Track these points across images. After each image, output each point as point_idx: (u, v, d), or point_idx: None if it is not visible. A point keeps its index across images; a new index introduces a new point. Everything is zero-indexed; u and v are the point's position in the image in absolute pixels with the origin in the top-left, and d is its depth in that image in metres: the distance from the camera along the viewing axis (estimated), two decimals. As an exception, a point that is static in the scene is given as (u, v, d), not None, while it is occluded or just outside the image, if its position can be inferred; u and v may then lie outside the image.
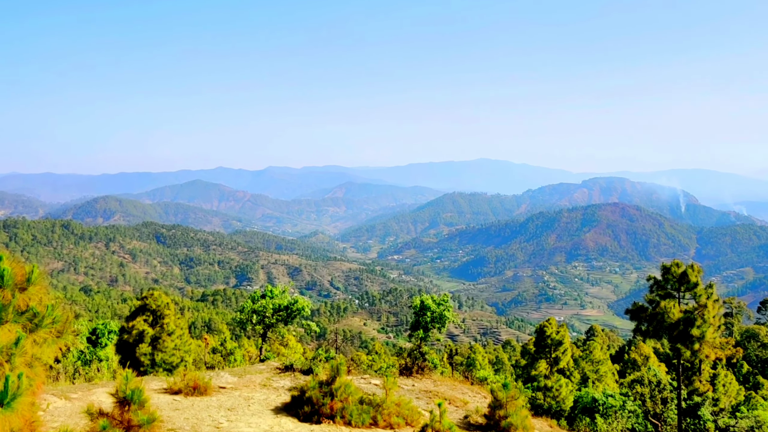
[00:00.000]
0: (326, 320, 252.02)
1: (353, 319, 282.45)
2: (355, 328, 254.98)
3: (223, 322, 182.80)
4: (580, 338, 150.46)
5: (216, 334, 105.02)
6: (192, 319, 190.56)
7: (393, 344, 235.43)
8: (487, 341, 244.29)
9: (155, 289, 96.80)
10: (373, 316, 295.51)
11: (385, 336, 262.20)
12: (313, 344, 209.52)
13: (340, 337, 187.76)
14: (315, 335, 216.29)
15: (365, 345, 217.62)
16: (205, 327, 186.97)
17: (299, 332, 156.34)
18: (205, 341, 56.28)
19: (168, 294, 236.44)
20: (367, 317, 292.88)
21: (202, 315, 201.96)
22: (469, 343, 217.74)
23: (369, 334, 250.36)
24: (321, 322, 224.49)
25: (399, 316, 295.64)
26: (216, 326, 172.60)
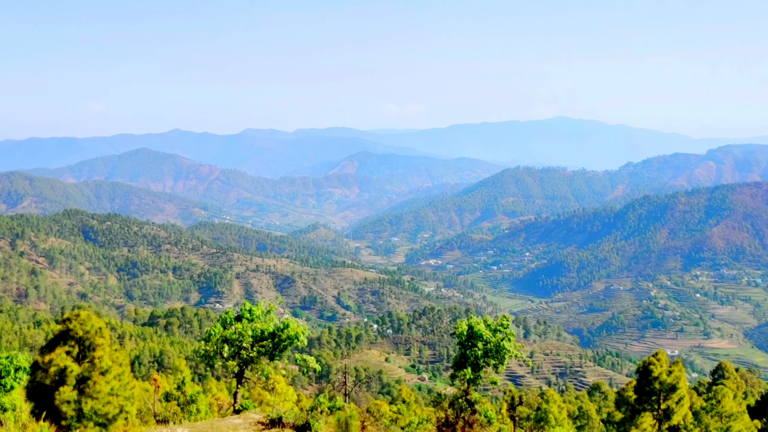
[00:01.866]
0: (331, 354, 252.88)
1: (370, 352, 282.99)
2: (373, 364, 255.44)
3: (180, 355, 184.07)
4: (704, 381, 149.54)
5: (171, 373, 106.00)
6: (136, 352, 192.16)
7: (428, 389, 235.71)
8: (566, 385, 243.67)
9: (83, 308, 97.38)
10: (400, 348, 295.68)
11: (417, 377, 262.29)
12: (311, 388, 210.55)
13: (350, 378, 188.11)
14: (314, 375, 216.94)
15: (388, 390, 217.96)
16: (154, 363, 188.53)
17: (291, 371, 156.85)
18: (154, 383, 56.82)
19: (101, 315, 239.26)
20: (391, 349, 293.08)
21: (151, 345, 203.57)
22: (540, 388, 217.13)
23: (393, 374, 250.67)
24: (323, 357, 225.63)
25: (437, 348, 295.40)
26: (171, 362, 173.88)
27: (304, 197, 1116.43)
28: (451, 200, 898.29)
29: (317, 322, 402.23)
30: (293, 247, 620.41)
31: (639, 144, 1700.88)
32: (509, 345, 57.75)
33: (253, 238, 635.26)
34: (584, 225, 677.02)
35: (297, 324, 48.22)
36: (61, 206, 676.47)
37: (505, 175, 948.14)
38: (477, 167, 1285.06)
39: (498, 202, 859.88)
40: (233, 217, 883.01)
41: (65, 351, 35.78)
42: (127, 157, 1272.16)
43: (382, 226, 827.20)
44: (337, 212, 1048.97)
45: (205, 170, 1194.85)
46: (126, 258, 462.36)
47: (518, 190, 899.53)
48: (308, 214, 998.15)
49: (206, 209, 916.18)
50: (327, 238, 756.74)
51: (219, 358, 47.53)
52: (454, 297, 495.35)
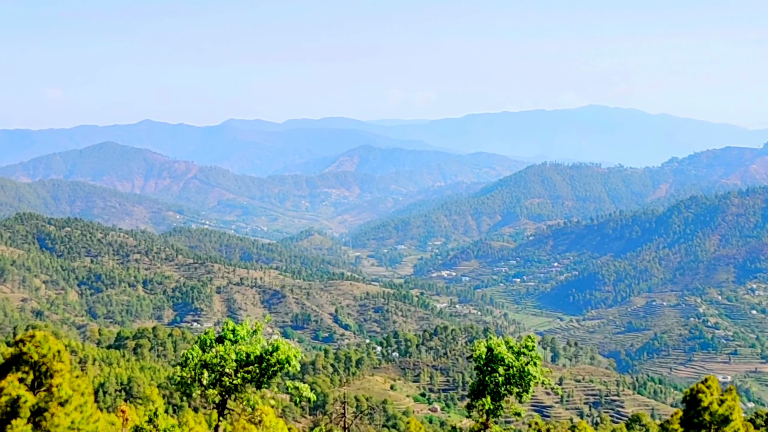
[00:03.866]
0: (327, 381, 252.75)
1: (373, 378, 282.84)
2: (376, 393, 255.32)
3: (152, 383, 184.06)
4: (761, 412, 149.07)
5: (141, 404, 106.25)
6: (101, 379, 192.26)
7: (441, 421, 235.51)
8: (600, 416, 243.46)
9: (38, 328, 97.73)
10: (407, 374, 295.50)
11: (428, 407, 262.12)
12: (305, 421, 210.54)
13: (350, 409, 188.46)
14: (309, 406, 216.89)
15: (393, 422, 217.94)
16: (122, 391, 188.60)
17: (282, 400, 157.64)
18: (122, 415, 56.86)
19: (60, 336, 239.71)
20: (397, 375, 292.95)
21: (118, 371, 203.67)
22: (571, 420, 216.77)
23: (400, 404, 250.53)
24: (318, 384, 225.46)
25: (451, 374, 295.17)
26: (141, 390, 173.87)
27: (296, 199, 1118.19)
28: (467, 202, 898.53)
29: (311, 343, 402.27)
30: (283, 256, 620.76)
31: (684, 137, 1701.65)
32: (535, 370, 57.75)
33: (236, 247, 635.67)
34: (621, 230, 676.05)
35: (288, 346, 48.23)
36: (12, 209, 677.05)
37: (530, 172, 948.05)
38: (496, 163, 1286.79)
39: (521, 204, 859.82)
40: (213, 222, 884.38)
41: (18, 378, 35.78)
42: (90, 153, 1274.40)
43: (386, 232, 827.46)
44: (334, 216, 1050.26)
45: (181, 167, 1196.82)
46: (88, 270, 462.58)
47: (544, 189, 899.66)
48: (301, 219, 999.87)
49: (182, 213, 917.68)
50: (323, 246, 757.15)
51: (197, 386, 47.53)
52: (470, 314, 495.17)
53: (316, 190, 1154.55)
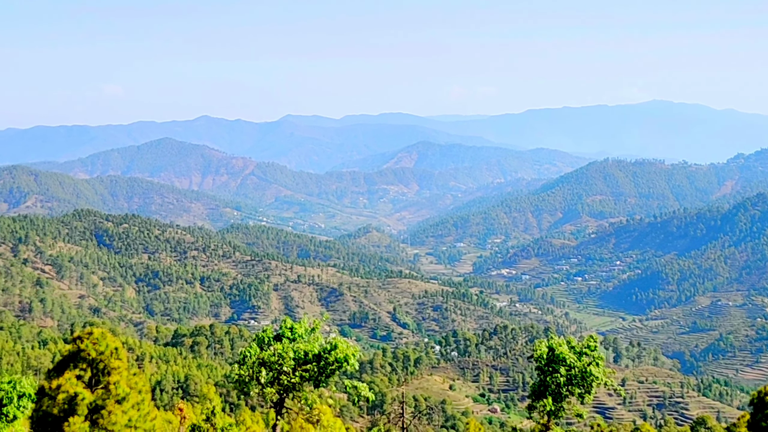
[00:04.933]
0: (385, 380, 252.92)
1: (432, 378, 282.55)
2: (435, 393, 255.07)
3: (209, 381, 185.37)
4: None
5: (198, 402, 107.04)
6: (157, 376, 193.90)
7: (501, 422, 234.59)
8: (664, 419, 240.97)
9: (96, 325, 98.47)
10: (466, 374, 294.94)
11: (487, 408, 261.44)
12: (363, 420, 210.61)
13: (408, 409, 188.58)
14: (367, 405, 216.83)
15: (452, 423, 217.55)
16: (179, 389, 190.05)
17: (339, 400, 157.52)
18: (179, 413, 57.13)
19: (117, 333, 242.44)
20: (456, 375, 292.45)
21: (175, 369, 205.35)
22: (634, 423, 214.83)
23: (459, 404, 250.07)
24: (376, 384, 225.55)
25: (511, 374, 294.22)
26: (198, 388, 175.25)
27: (354, 195, 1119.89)
28: (527, 199, 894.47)
29: (369, 342, 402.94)
30: (341, 254, 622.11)
31: (751, 132, 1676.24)
32: (597, 371, 57.23)
33: (293, 244, 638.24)
34: (686, 228, 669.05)
35: (346, 345, 48.14)
36: (70, 206, 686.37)
37: (591, 169, 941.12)
38: (557, 160, 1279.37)
39: (582, 201, 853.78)
40: (271, 219, 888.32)
41: (76, 375, 35.99)
42: (148, 149, 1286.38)
43: (445, 229, 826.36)
44: (392, 213, 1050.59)
45: (239, 164, 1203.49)
46: (146, 266, 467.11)
47: (607, 186, 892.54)
48: (358, 215, 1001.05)
49: (239, 209, 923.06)
50: (380, 243, 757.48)
51: (255, 385, 47.59)
52: (530, 313, 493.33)
53: (374, 186, 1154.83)
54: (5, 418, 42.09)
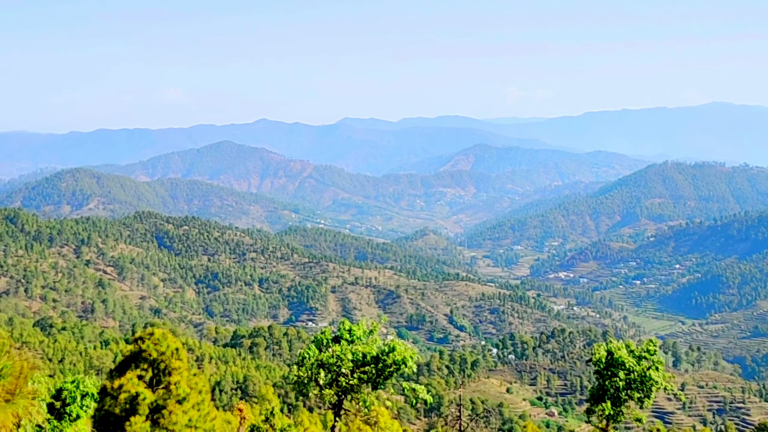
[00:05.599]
0: (442, 382, 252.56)
1: (489, 380, 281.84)
2: (492, 395, 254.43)
3: (268, 381, 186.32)
4: None
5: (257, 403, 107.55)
6: (217, 377, 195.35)
7: (558, 426, 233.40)
8: (725, 424, 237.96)
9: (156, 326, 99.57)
10: (524, 377, 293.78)
11: (545, 411, 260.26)
12: (419, 423, 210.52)
13: (465, 412, 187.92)
14: (424, 408, 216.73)
15: (510, 426, 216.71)
16: (238, 390, 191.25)
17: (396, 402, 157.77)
18: (239, 414, 57.44)
19: (178, 334, 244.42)
20: (513, 378, 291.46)
21: (234, 370, 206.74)
22: (693, 428, 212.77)
23: (516, 407, 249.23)
24: (433, 386, 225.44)
25: (568, 378, 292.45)
26: (256, 389, 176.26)
27: (411, 198, 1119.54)
28: (585, 202, 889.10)
29: (426, 344, 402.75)
30: (398, 256, 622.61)
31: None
32: (657, 375, 56.78)
33: (351, 246, 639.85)
34: (747, 232, 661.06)
35: (404, 347, 48.13)
36: (132, 208, 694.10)
37: (650, 171, 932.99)
38: (616, 162, 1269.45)
39: (641, 204, 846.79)
40: (328, 221, 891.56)
41: (137, 375, 36.33)
42: (207, 152, 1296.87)
43: (502, 232, 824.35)
44: (449, 216, 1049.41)
45: (296, 166, 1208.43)
46: (205, 268, 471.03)
47: (666, 189, 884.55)
48: (415, 218, 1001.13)
49: (297, 212, 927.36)
50: (437, 246, 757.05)
51: (314, 386, 47.71)
52: (588, 317, 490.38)
53: (431, 189, 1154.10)
54: (69, 417, 42.57)
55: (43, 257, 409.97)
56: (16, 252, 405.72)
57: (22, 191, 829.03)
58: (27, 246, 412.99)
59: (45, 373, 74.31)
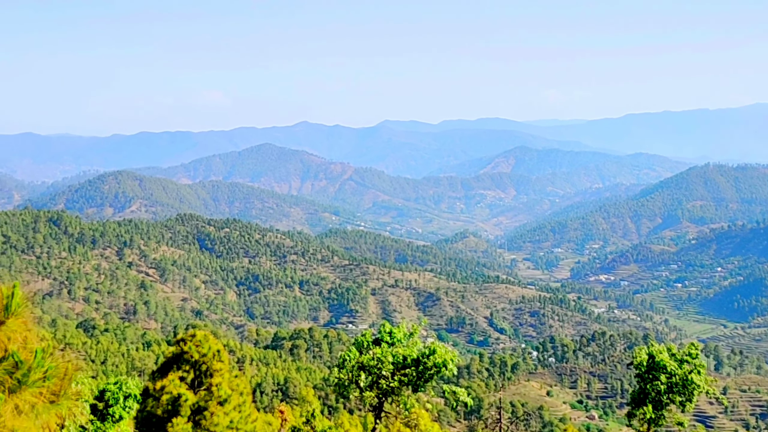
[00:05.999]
0: (482, 385, 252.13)
1: (529, 383, 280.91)
2: (532, 398, 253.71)
3: (308, 383, 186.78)
4: None
5: (297, 404, 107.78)
6: (258, 379, 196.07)
7: (598, 429, 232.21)
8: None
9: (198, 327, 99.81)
10: (564, 380, 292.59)
11: (585, 414, 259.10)
12: (459, 426, 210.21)
13: (505, 415, 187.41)
14: (464, 410, 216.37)
15: (550, 429, 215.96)
16: (278, 392, 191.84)
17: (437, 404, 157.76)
18: (280, 416, 57.55)
19: (219, 336, 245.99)
20: (553, 381, 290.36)
21: (274, 372, 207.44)
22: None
23: (556, 411, 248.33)
24: (473, 389, 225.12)
25: (609, 381, 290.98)
26: (297, 391, 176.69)
27: (451, 200, 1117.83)
28: (626, 204, 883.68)
29: (466, 347, 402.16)
30: (438, 258, 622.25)
31: None
32: (699, 379, 56.34)
33: (391, 248, 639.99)
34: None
35: (445, 350, 48.05)
36: (173, 210, 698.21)
37: (692, 174, 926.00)
38: (657, 165, 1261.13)
39: (683, 207, 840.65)
40: (368, 224, 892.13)
41: (179, 377, 36.47)
42: (248, 154, 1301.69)
43: (542, 234, 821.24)
44: (489, 218, 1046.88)
45: (337, 169, 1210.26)
46: (246, 270, 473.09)
47: (707, 192, 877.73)
48: (455, 221, 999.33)
49: (337, 214, 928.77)
50: (477, 248, 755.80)
51: (354, 388, 47.75)
52: (629, 320, 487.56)
53: (471, 191, 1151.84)
54: (111, 418, 42.89)
55: (86, 259, 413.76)
56: (60, 254, 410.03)
57: (65, 193, 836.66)
58: (70, 248, 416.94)
59: (88, 375, 75.03)
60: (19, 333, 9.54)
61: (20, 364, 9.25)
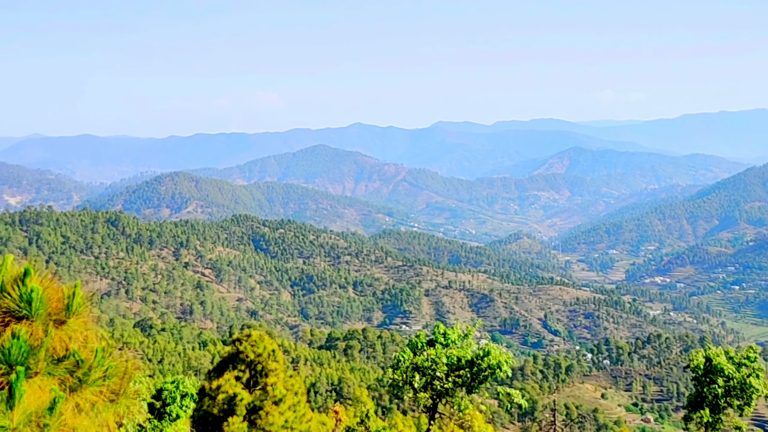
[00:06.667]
0: (536, 387, 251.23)
1: (583, 386, 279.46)
2: (586, 401, 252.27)
3: (362, 384, 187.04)
4: None
5: (351, 405, 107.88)
6: (312, 379, 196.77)
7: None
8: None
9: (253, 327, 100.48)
10: (619, 382, 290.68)
11: (640, 417, 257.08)
12: (513, 428, 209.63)
13: (560, 417, 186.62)
14: (518, 412, 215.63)
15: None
16: (332, 392, 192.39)
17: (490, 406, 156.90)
18: (335, 416, 57.71)
19: (274, 336, 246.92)
20: (608, 383, 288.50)
21: (328, 372, 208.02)
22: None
23: (611, 413, 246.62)
24: (527, 390, 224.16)
25: (664, 384, 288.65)
26: (351, 391, 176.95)
27: (505, 201, 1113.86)
28: (682, 205, 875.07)
29: (520, 348, 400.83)
30: (491, 260, 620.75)
31: None
32: (758, 382, 55.69)
33: (444, 249, 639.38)
34: None
35: (499, 351, 47.93)
36: (229, 211, 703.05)
37: (750, 174, 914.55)
38: (714, 165, 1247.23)
39: (740, 208, 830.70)
40: (422, 225, 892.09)
41: (235, 376, 36.78)
42: (303, 156, 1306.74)
43: (597, 236, 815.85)
44: (543, 219, 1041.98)
45: (390, 170, 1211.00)
46: (301, 271, 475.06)
47: (766, 193, 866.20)
48: (509, 222, 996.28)
49: (391, 215, 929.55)
50: (531, 249, 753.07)
51: (408, 389, 47.75)
52: (685, 322, 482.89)
53: (525, 192, 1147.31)
54: (169, 417, 43.27)
55: (144, 259, 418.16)
56: (118, 254, 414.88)
57: (123, 195, 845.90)
58: (128, 248, 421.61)
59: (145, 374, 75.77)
60: (79, 332, 9.61)
61: (81, 363, 9.34)
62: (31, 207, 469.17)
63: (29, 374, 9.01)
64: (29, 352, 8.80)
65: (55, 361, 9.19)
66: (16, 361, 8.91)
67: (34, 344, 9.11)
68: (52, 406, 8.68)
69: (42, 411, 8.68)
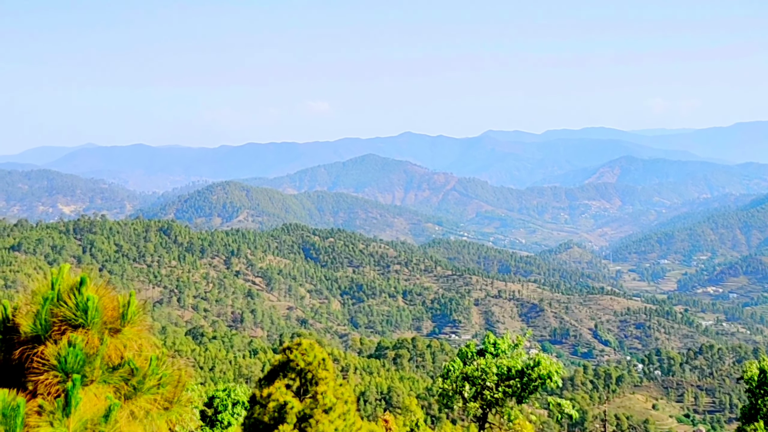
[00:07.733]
0: (586, 397, 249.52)
1: (634, 396, 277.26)
2: (637, 412, 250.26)
3: (411, 393, 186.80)
4: None
5: (401, 414, 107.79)
6: (361, 387, 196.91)
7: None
8: None
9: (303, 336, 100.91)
10: (670, 393, 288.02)
11: (692, 429, 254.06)
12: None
13: (610, 428, 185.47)
14: (568, 422, 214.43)
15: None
16: (381, 400, 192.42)
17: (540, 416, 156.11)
18: (385, 425, 57.67)
19: (324, 344, 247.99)
20: (659, 394, 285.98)
21: (378, 381, 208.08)
22: None
23: (662, 424, 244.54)
24: (577, 401, 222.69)
25: (717, 395, 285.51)
26: (400, 400, 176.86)
27: (555, 211, 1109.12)
28: (735, 215, 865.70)
29: (569, 358, 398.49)
30: (541, 269, 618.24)
31: None
32: (814, 395, 54.91)
33: (494, 259, 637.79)
34: None
35: (550, 361, 47.72)
36: (279, 220, 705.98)
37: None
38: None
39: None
40: (471, 234, 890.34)
41: (285, 384, 36.92)
42: (353, 165, 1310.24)
43: (648, 245, 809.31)
44: (593, 229, 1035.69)
45: (440, 179, 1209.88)
46: (350, 280, 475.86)
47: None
48: (559, 231, 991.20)
49: (440, 224, 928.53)
50: (582, 259, 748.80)
51: (458, 399, 47.69)
52: (738, 333, 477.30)
53: (575, 202, 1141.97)
54: (220, 424, 43.61)
55: (195, 268, 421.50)
56: (170, 263, 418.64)
57: (175, 204, 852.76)
58: (180, 257, 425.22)
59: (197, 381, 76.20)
60: (134, 341, 9.69)
61: (136, 371, 9.41)
62: (85, 216, 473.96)
63: (85, 382, 9.09)
64: (85, 361, 8.87)
65: (111, 369, 9.25)
66: (72, 369, 9.06)
67: (90, 352, 9.19)
68: (107, 413, 8.77)
69: (97, 418, 8.75)
